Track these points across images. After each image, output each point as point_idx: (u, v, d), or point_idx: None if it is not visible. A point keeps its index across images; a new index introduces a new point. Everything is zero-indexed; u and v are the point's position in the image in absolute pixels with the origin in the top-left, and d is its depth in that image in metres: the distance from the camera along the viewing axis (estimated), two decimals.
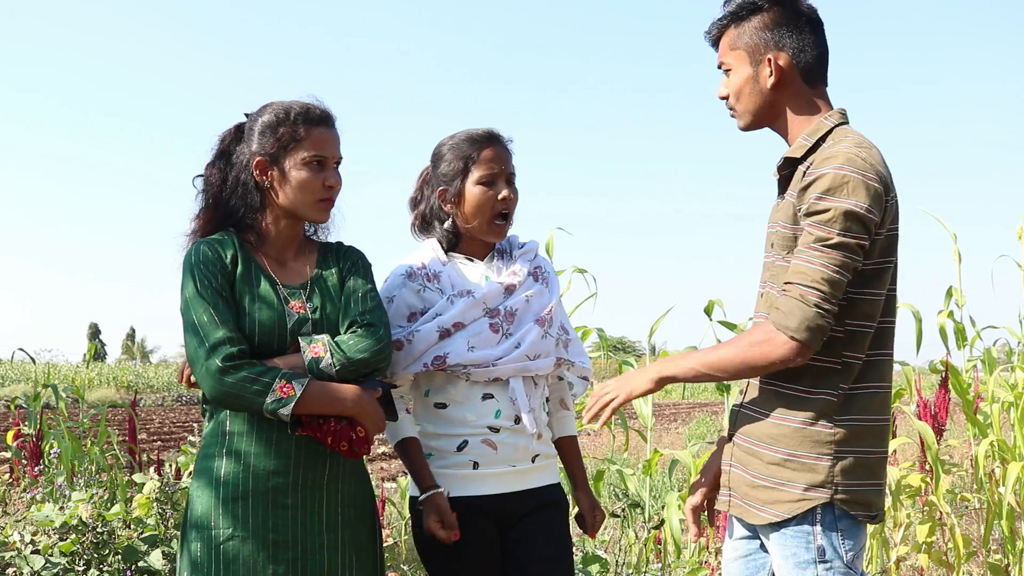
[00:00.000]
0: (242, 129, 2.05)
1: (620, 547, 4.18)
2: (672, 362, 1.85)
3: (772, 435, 1.79)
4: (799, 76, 1.86)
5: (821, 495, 1.73)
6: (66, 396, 6.00)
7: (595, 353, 5.41)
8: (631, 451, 10.97)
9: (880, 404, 1.79)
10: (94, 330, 59.41)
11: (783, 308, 1.68)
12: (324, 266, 2.07)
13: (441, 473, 2.12)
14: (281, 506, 1.89)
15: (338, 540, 1.95)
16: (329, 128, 2.02)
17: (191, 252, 1.94)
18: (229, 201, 2.00)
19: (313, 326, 1.96)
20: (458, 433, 2.12)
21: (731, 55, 1.89)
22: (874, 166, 1.71)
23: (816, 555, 1.74)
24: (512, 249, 2.31)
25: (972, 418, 3.91)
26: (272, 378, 1.80)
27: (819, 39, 1.88)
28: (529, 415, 2.14)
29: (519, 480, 2.16)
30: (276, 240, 2.03)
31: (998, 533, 4.02)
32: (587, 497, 2.31)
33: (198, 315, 1.85)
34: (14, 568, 3.02)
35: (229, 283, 1.92)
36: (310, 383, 1.83)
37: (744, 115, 1.91)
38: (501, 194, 2.18)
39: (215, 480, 1.90)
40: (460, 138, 2.23)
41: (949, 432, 4.10)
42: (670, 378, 1.84)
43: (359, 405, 1.87)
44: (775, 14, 1.86)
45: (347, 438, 1.87)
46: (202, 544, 1.88)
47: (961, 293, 4.03)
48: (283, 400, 1.78)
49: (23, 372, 30.14)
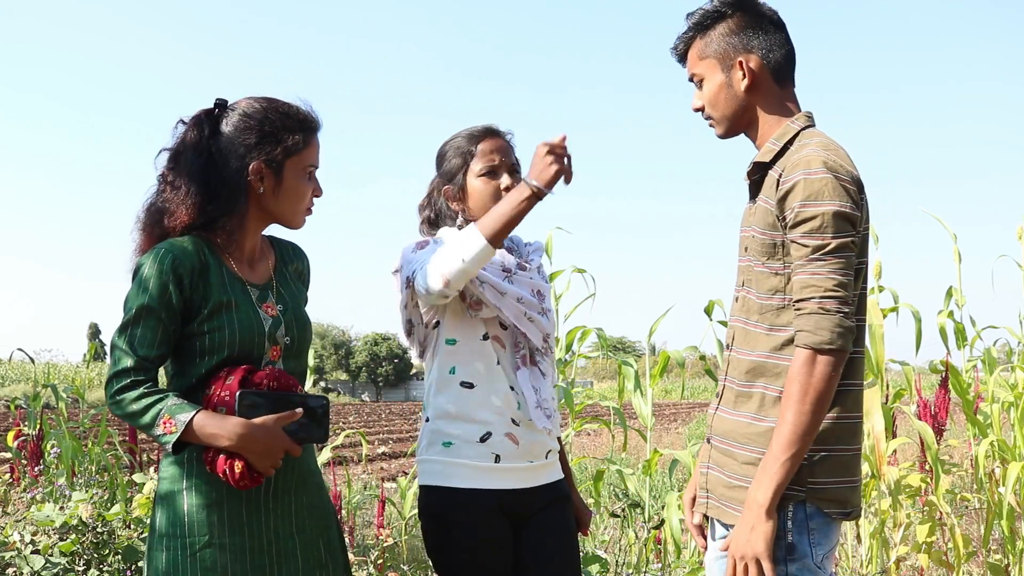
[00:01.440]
0: (215, 118, 1.91)
1: (620, 547, 4.18)
2: (763, 483, 1.69)
3: (747, 435, 1.80)
4: (770, 76, 1.88)
5: (793, 493, 1.73)
6: (66, 396, 6.00)
7: (595, 353, 5.40)
8: (631, 451, 10.98)
9: (853, 401, 1.80)
10: (94, 330, 59.38)
11: (808, 327, 1.68)
12: (283, 263, 2.04)
13: (461, 463, 2.11)
14: (255, 510, 1.86)
15: (308, 543, 1.93)
16: (318, 135, 1.97)
17: (154, 260, 1.82)
18: (209, 205, 1.86)
19: (285, 328, 1.93)
20: (482, 420, 2.12)
21: (701, 65, 1.91)
22: (844, 166, 1.73)
23: (785, 553, 1.74)
24: (519, 248, 2.34)
25: (972, 418, 3.91)
26: (157, 413, 1.77)
27: (785, 38, 1.90)
28: (537, 410, 2.15)
29: (535, 476, 2.17)
30: (245, 242, 1.94)
31: (998, 533, 4.02)
32: (576, 496, 2.34)
33: (131, 328, 1.81)
34: (14, 568, 3.02)
35: (186, 299, 1.83)
36: (193, 419, 1.76)
37: (722, 122, 1.92)
38: (504, 184, 2.19)
39: (189, 487, 1.85)
40: (460, 136, 2.25)
41: (949, 432, 4.10)
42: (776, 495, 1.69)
43: (241, 441, 1.76)
44: (739, 19, 1.88)
45: (222, 470, 1.79)
46: (177, 552, 1.83)
47: (961, 293, 4.04)
48: (166, 436, 1.77)
49: (23, 372, 30.15)
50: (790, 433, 1.68)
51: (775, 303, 1.78)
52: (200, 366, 1.86)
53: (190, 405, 1.78)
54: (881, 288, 3.85)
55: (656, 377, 4.11)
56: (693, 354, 4.36)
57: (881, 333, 3.70)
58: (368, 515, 6.36)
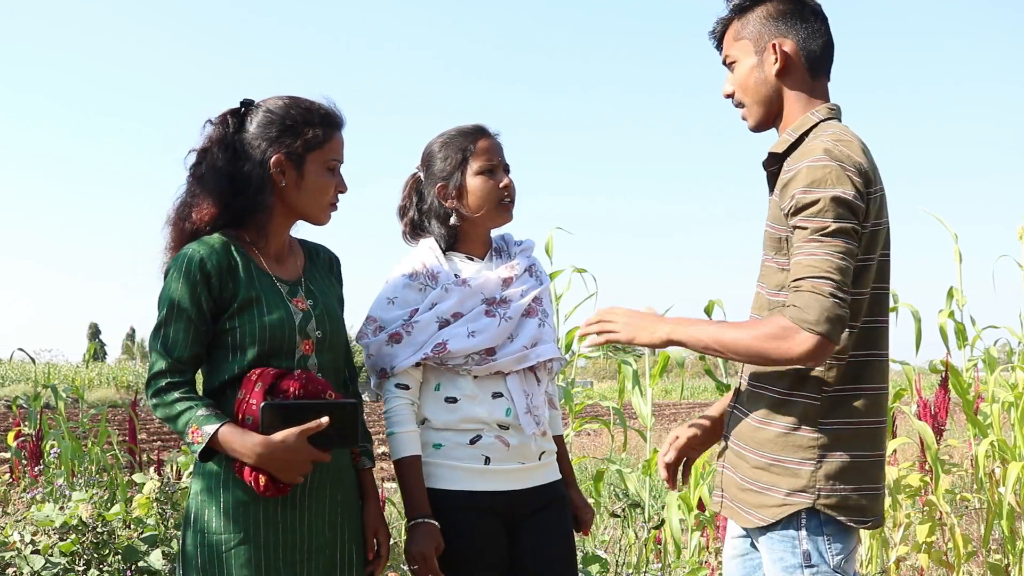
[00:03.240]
0: (240, 116, 1.96)
1: (620, 547, 4.17)
2: (684, 327, 1.77)
3: (757, 439, 1.78)
4: (804, 65, 1.82)
5: (803, 500, 1.71)
6: (66, 396, 6.01)
7: (595, 353, 5.40)
8: (631, 451, 10.96)
9: (872, 407, 1.75)
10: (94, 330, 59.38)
11: (799, 303, 1.62)
12: (313, 261, 2.06)
13: (451, 466, 2.11)
14: (289, 507, 1.88)
15: (337, 539, 1.95)
16: (341, 131, 2.00)
17: (187, 258, 1.86)
18: (235, 199, 1.90)
19: (316, 322, 1.95)
20: (470, 428, 2.11)
21: (736, 46, 1.86)
22: (851, 157, 1.68)
23: (802, 559, 1.72)
24: (509, 247, 2.32)
25: (972, 418, 3.91)
26: (187, 421, 1.81)
27: (825, 29, 1.85)
28: (527, 416, 2.14)
29: (527, 477, 2.16)
30: (274, 238, 1.97)
31: (998, 533, 4.02)
32: (577, 496, 2.33)
33: (164, 329, 1.85)
34: (14, 568, 3.02)
35: (215, 298, 1.86)
36: (218, 432, 1.79)
37: (752, 109, 1.86)
38: (503, 182, 2.20)
39: (226, 485, 1.86)
40: (451, 134, 2.23)
41: (949, 432, 4.10)
42: (678, 343, 1.79)
43: (261, 460, 1.78)
44: (780, 4, 1.84)
45: (248, 480, 1.82)
46: (211, 548, 1.85)
47: (962, 293, 4.03)
48: (194, 446, 1.82)
49: (23, 372, 30.15)
50: (724, 344, 1.70)
51: (781, 299, 1.73)
52: (232, 364, 1.88)
53: (217, 417, 1.81)
54: None
55: (656, 377, 4.11)
56: (693, 354, 4.35)
57: None
58: None
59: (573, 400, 4.18)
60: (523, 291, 2.21)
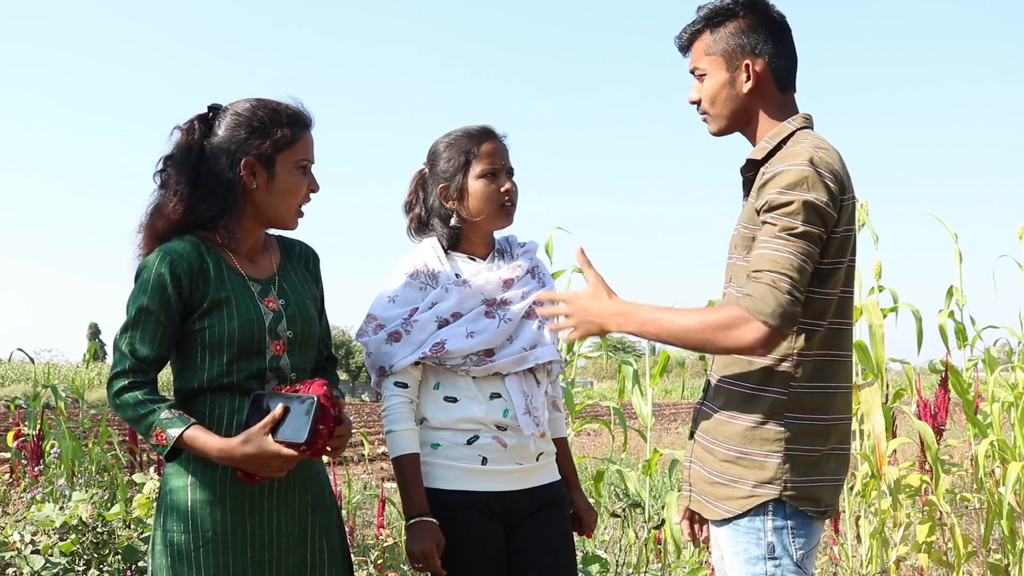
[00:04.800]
0: (208, 120, 1.94)
1: (620, 547, 4.18)
2: (632, 315, 1.79)
3: (725, 433, 1.82)
4: (773, 82, 1.88)
5: (770, 491, 1.76)
6: (66, 396, 6.01)
7: (595, 353, 5.41)
8: (631, 451, 10.97)
9: (837, 403, 1.81)
10: (94, 330, 59.34)
11: (755, 294, 1.67)
12: (288, 258, 2.05)
13: (448, 465, 2.11)
14: (257, 508, 1.88)
15: (310, 540, 1.94)
16: (310, 131, 1.99)
17: (153, 263, 1.86)
18: (202, 204, 1.90)
19: (288, 322, 1.94)
20: (468, 428, 2.11)
21: (706, 60, 1.91)
22: (830, 165, 1.74)
23: (766, 551, 1.77)
24: (512, 248, 2.32)
25: (972, 418, 3.91)
26: (151, 424, 1.81)
27: (790, 45, 1.91)
28: (526, 416, 2.14)
29: (525, 478, 2.16)
30: (245, 239, 1.96)
31: (998, 533, 4.02)
32: (580, 498, 2.32)
33: (131, 330, 1.85)
34: (14, 568, 3.02)
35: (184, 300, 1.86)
36: (182, 435, 1.79)
37: (717, 119, 1.92)
38: (504, 186, 2.20)
39: (192, 484, 1.86)
40: (457, 135, 2.23)
41: (949, 432, 4.10)
42: (627, 332, 1.83)
43: (224, 456, 1.79)
44: (750, 20, 1.88)
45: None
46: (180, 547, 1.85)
47: (962, 293, 4.03)
48: (158, 447, 1.83)
49: (23, 372, 30.13)
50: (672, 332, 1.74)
51: None
52: (204, 365, 1.87)
53: (181, 420, 1.81)
54: (881, 288, 3.85)
55: (656, 377, 4.11)
56: (693, 354, 4.36)
57: (881, 333, 3.70)
58: (368, 515, 6.36)
59: (573, 400, 4.19)
60: (524, 293, 2.21)
